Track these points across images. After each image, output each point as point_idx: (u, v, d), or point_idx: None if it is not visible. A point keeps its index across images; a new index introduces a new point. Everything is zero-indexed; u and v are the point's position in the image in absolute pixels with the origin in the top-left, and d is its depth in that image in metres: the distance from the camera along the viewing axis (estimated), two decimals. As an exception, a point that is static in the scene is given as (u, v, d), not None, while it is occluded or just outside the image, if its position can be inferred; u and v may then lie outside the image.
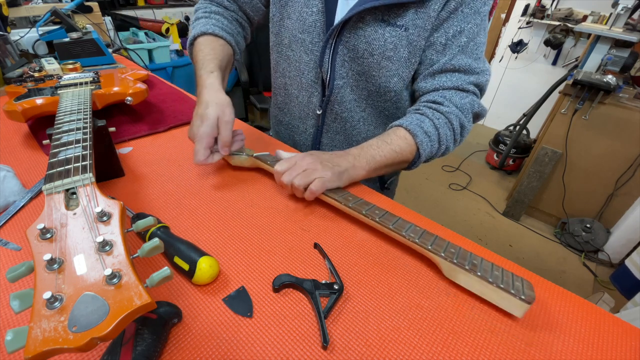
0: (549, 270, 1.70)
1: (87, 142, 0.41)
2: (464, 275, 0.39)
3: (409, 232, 0.43)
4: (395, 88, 0.64)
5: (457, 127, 0.59)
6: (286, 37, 0.66)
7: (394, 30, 0.57)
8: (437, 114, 0.58)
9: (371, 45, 0.58)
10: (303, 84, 0.69)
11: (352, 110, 0.68)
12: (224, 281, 0.39)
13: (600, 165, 1.71)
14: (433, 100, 0.59)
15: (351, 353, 0.33)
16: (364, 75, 0.63)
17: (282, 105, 0.77)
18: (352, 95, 0.66)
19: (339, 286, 0.38)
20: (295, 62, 0.67)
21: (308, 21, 0.62)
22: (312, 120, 0.72)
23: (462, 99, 0.59)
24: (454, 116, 0.58)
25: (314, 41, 0.63)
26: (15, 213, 0.46)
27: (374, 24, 0.57)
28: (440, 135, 0.57)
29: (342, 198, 0.49)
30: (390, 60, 0.59)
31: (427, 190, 2.25)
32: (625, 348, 0.36)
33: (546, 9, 2.50)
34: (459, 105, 0.58)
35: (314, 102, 0.70)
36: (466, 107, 0.59)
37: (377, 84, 0.63)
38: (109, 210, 0.29)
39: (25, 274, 0.24)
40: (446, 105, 0.58)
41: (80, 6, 1.28)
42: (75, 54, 1.01)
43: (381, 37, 0.57)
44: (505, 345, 0.35)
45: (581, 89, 1.61)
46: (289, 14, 0.64)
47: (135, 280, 0.23)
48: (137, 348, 0.28)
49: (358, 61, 0.61)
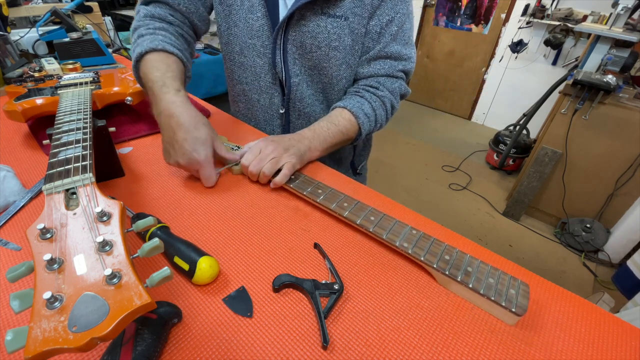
0: (549, 270, 1.70)
1: (87, 142, 0.41)
2: (456, 285, 0.39)
3: (402, 241, 0.43)
4: (345, 75, 0.69)
5: (389, 108, 0.69)
6: (236, 44, 0.67)
7: (335, 22, 0.61)
8: (374, 97, 0.67)
9: (316, 39, 0.62)
10: (262, 87, 0.70)
11: (313, 105, 0.72)
12: (224, 281, 0.39)
13: (600, 165, 1.71)
14: (370, 85, 0.68)
15: (351, 353, 0.33)
16: (315, 69, 0.67)
17: (245, 111, 0.78)
18: (309, 90, 0.70)
19: (339, 286, 0.38)
20: (250, 68, 0.69)
21: (255, 26, 0.64)
22: (277, 121, 0.75)
23: (393, 84, 0.68)
24: (387, 99, 0.68)
25: (264, 44, 0.65)
26: (15, 213, 0.46)
27: (315, 18, 0.60)
28: (377, 116, 0.68)
29: (337, 207, 0.48)
30: (337, 49, 0.63)
31: (427, 190, 2.25)
32: (625, 348, 0.36)
33: (546, 9, 2.50)
34: (390, 90, 0.68)
35: (275, 103, 0.72)
36: (396, 91, 0.69)
37: (330, 75, 0.67)
38: (109, 210, 0.29)
39: (25, 274, 0.24)
40: (381, 89, 0.67)
41: (80, 6, 1.28)
42: (75, 54, 1.01)
43: (324, 29, 0.61)
44: (505, 345, 0.35)
45: (581, 89, 1.61)
46: (235, 22, 0.65)
47: (135, 280, 0.23)
48: (137, 348, 0.28)
49: (307, 56, 0.64)
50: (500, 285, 0.38)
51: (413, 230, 0.44)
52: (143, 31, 0.61)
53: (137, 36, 0.61)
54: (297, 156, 0.56)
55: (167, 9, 0.65)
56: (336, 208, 0.48)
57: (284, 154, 0.55)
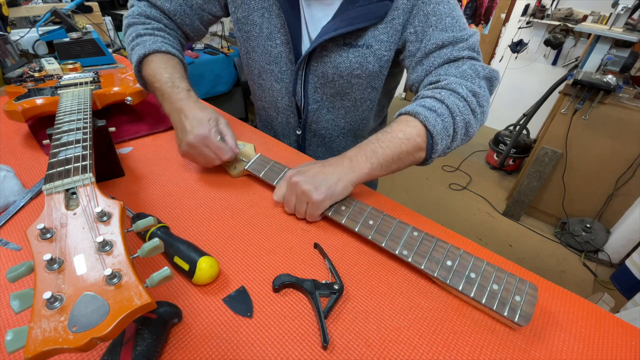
0: (549, 270, 1.70)
1: (87, 142, 0.41)
2: (457, 293, 0.39)
3: (402, 248, 0.42)
4: (370, 97, 0.67)
5: (467, 94, 0.50)
6: (255, 68, 0.69)
7: (357, 51, 0.59)
8: (436, 90, 0.52)
9: (338, 69, 0.61)
10: (279, 108, 0.72)
11: (330, 128, 0.72)
12: (224, 281, 0.39)
13: (600, 165, 1.71)
14: (428, 82, 0.55)
15: (351, 353, 0.33)
16: (338, 96, 0.66)
17: (265, 122, 0.81)
18: (329, 115, 0.69)
19: (339, 286, 0.38)
20: (268, 90, 0.70)
21: (273, 53, 0.64)
22: (293, 137, 0.76)
23: (459, 68, 0.53)
24: (457, 84, 0.51)
25: (282, 70, 0.66)
26: (15, 213, 0.46)
27: (337, 49, 0.60)
28: (450, 107, 0.49)
29: (334, 212, 0.47)
30: (360, 77, 0.62)
31: (427, 190, 2.25)
32: (625, 348, 0.36)
33: (546, 9, 2.50)
34: (458, 74, 0.53)
35: (292, 123, 0.73)
36: (468, 73, 0.52)
37: (353, 99, 0.66)
38: (109, 210, 0.29)
39: (25, 274, 0.24)
40: (443, 79, 0.53)
41: (80, 6, 1.28)
42: (75, 54, 1.01)
43: (346, 59, 0.60)
44: (506, 345, 0.35)
45: (581, 89, 1.61)
46: (254, 48, 0.66)
47: (135, 280, 0.23)
48: (137, 348, 0.28)
49: (329, 85, 0.64)
50: (504, 292, 0.37)
51: (414, 232, 0.43)
52: (141, 30, 0.62)
53: (135, 34, 0.62)
54: (327, 194, 0.46)
55: (162, 15, 0.65)
56: (333, 215, 0.47)
57: (312, 191, 0.46)
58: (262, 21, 0.62)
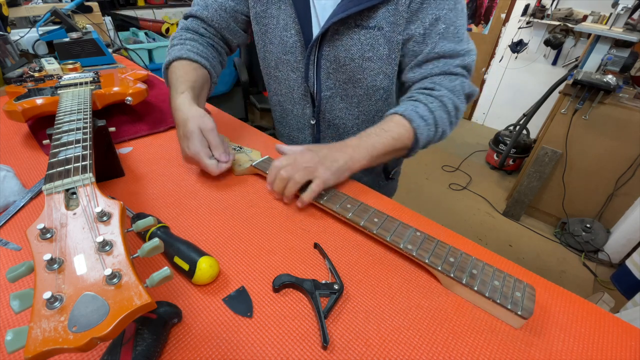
0: (549, 270, 1.70)
1: (87, 142, 0.41)
2: (461, 288, 0.39)
3: (406, 243, 0.42)
4: (383, 85, 0.66)
5: (451, 109, 0.59)
6: (272, 60, 0.70)
7: (368, 32, 0.59)
8: (430, 98, 0.59)
9: (350, 51, 0.61)
10: (295, 98, 0.73)
11: (344, 118, 0.72)
12: (224, 281, 0.39)
13: (600, 165, 1.71)
14: (424, 87, 0.61)
15: (351, 353, 0.33)
16: (350, 82, 0.66)
17: (280, 119, 0.81)
18: (342, 103, 0.70)
19: (339, 286, 0.38)
20: (285, 81, 0.71)
21: (289, 43, 0.65)
22: (308, 130, 0.76)
23: (452, 82, 0.60)
24: (447, 99, 0.59)
25: (298, 59, 0.67)
26: (15, 213, 0.46)
27: (348, 31, 0.60)
28: (437, 119, 0.58)
29: (340, 208, 0.48)
30: (371, 60, 0.62)
31: (427, 190, 2.25)
32: (625, 348, 0.36)
33: (546, 9, 2.50)
34: (450, 88, 0.60)
35: (307, 114, 0.74)
36: (457, 89, 0.60)
37: (365, 86, 0.66)
38: (109, 210, 0.29)
39: (25, 274, 0.24)
40: (437, 89, 0.59)
41: (80, 6, 1.28)
42: (75, 54, 1.01)
43: (357, 41, 0.60)
44: (505, 345, 0.35)
45: (581, 89, 1.61)
46: (271, 40, 0.67)
47: (135, 280, 0.23)
48: (137, 348, 0.28)
49: (341, 70, 0.64)
50: (505, 288, 0.37)
51: (417, 232, 0.44)
52: (176, 42, 0.68)
53: (170, 46, 0.69)
54: (333, 172, 0.51)
55: (202, 23, 0.70)
56: (339, 209, 0.48)
57: (320, 167, 0.50)
58: (278, 13, 0.64)
